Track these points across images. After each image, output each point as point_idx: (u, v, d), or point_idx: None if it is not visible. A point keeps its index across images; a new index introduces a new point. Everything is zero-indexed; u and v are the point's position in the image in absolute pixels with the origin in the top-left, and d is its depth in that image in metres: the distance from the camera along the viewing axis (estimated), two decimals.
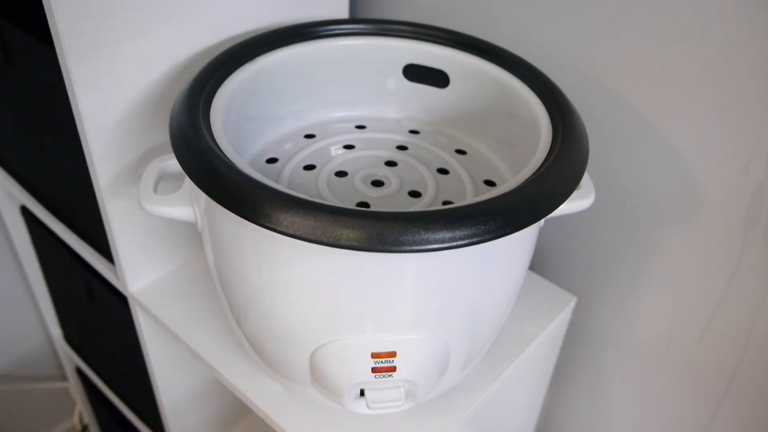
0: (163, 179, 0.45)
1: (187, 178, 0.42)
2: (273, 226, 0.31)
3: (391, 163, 0.46)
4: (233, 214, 0.32)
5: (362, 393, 0.40)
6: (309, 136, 0.49)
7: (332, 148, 0.48)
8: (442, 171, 0.46)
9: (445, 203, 0.42)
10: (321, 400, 0.43)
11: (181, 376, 0.64)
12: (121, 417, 0.84)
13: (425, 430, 0.44)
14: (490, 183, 0.45)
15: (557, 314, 0.54)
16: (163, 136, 0.50)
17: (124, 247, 0.52)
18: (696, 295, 0.54)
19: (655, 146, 0.51)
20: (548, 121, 0.41)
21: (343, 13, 0.58)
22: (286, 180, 0.44)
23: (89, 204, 0.51)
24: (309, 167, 0.45)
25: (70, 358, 0.92)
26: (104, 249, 0.57)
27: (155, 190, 0.42)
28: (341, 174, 0.44)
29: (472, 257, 0.35)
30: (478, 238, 0.31)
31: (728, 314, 0.52)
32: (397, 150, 0.48)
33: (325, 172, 0.44)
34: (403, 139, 0.50)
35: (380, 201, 0.42)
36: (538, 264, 0.64)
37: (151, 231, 0.53)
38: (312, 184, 0.43)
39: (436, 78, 0.50)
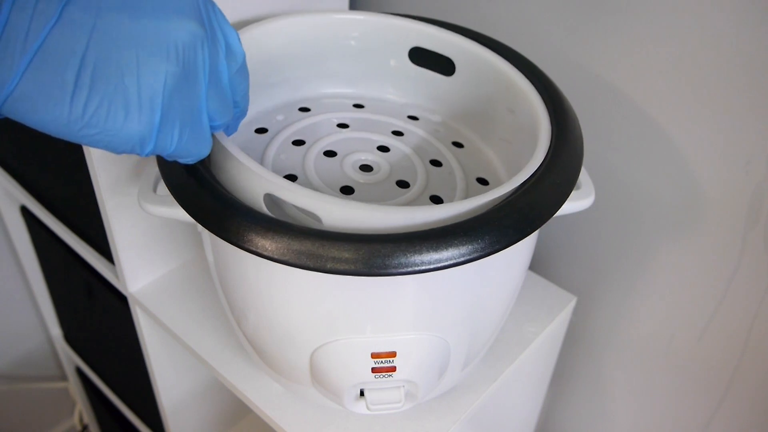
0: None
1: None
2: (259, 252, 0.31)
3: (383, 148, 0.45)
4: None
5: (362, 393, 0.40)
6: (304, 110, 0.48)
7: (325, 125, 0.46)
8: (435, 162, 0.44)
9: (432, 198, 0.41)
10: (321, 400, 0.43)
11: (181, 376, 0.64)
12: (121, 417, 0.84)
13: (425, 430, 0.44)
14: (482, 181, 0.44)
15: (557, 314, 0.54)
16: None
17: (124, 247, 0.52)
18: (696, 295, 0.54)
19: (656, 146, 0.51)
20: (548, 125, 0.40)
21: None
22: (272, 154, 0.42)
23: (89, 204, 0.51)
24: (298, 142, 0.44)
25: (70, 358, 0.92)
26: (104, 249, 0.57)
27: (155, 190, 0.42)
28: (330, 154, 0.43)
29: (469, 265, 0.35)
30: (466, 258, 0.31)
31: (728, 314, 0.52)
32: (392, 135, 0.46)
33: (314, 150, 0.43)
34: (401, 124, 0.48)
35: (366, 187, 0.41)
36: (538, 264, 0.64)
37: (151, 231, 0.53)
38: (298, 161, 0.42)
39: (443, 65, 0.49)
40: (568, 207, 0.39)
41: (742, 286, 0.50)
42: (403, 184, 0.42)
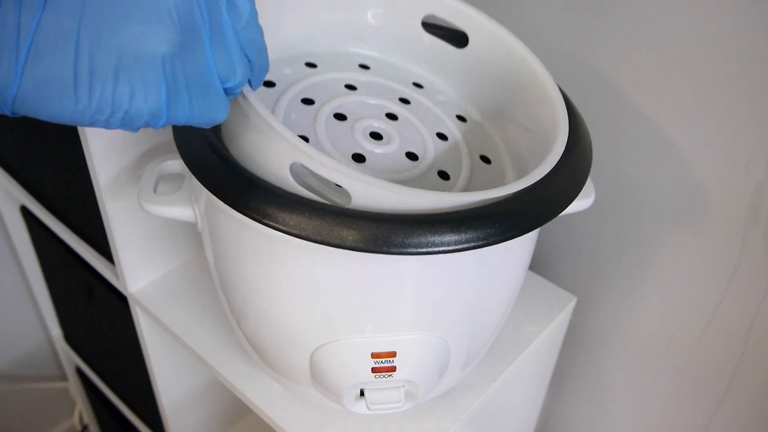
0: (163, 179, 0.45)
1: (187, 179, 0.42)
2: (280, 227, 0.31)
3: (391, 116, 0.44)
4: (233, 215, 0.32)
5: (362, 393, 0.40)
6: (310, 65, 0.46)
7: (333, 84, 0.45)
8: (441, 136, 0.44)
9: (440, 173, 0.41)
10: (321, 400, 0.43)
11: (181, 376, 0.64)
12: (121, 417, 0.84)
13: (425, 430, 0.44)
14: (485, 159, 0.44)
15: (557, 314, 0.54)
16: (163, 136, 0.50)
17: (124, 247, 0.52)
18: (696, 295, 0.54)
19: (655, 146, 0.51)
20: (567, 120, 0.39)
21: None
22: (282, 110, 0.41)
23: (89, 204, 0.51)
24: (307, 101, 0.43)
25: (70, 358, 0.92)
26: (104, 249, 0.57)
27: (155, 190, 0.42)
28: (340, 117, 0.42)
29: (472, 258, 0.35)
30: (484, 242, 0.31)
31: (728, 314, 0.52)
32: (400, 102, 0.45)
33: (324, 111, 0.42)
34: (407, 91, 0.47)
35: (377, 157, 0.40)
36: (538, 264, 0.64)
37: (151, 231, 0.53)
38: (310, 122, 0.41)
39: (455, 37, 0.48)
40: (569, 207, 0.39)
41: (742, 286, 0.50)
42: (412, 156, 0.41)
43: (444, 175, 0.41)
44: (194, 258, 0.59)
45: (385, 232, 0.30)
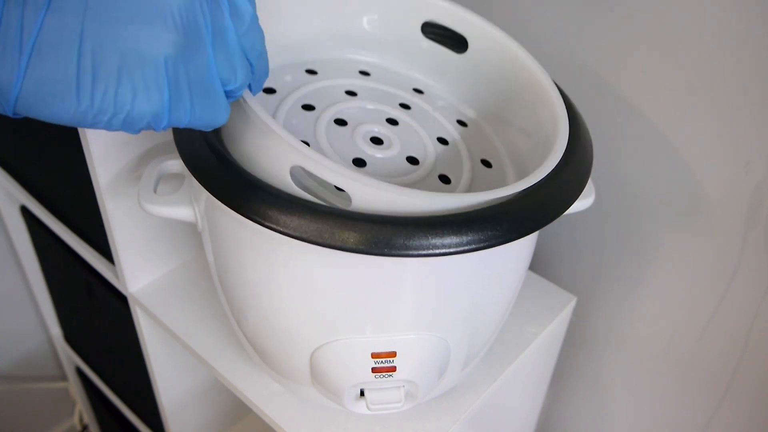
0: (163, 179, 0.45)
1: (188, 179, 0.42)
2: (281, 229, 0.31)
3: (392, 121, 0.44)
4: (233, 215, 0.32)
5: (362, 393, 0.40)
6: (310, 72, 0.46)
7: (333, 91, 0.45)
8: (442, 140, 0.44)
9: (440, 177, 0.41)
10: (321, 400, 0.43)
11: (181, 376, 0.64)
12: (121, 417, 0.84)
13: (425, 430, 0.44)
14: (486, 163, 0.44)
15: (557, 314, 0.54)
16: (163, 136, 0.50)
17: (124, 247, 0.52)
18: (696, 294, 0.54)
19: (655, 146, 0.51)
20: (567, 123, 0.39)
21: None
22: (283, 116, 0.41)
23: (89, 204, 0.51)
24: (308, 107, 0.42)
25: (70, 358, 0.92)
26: (104, 249, 0.57)
27: (155, 190, 0.42)
28: (341, 122, 0.42)
29: (473, 259, 0.35)
30: (485, 244, 0.31)
31: (728, 314, 0.52)
32: (400, 108, 0.45)
33: (325, 117, 0.42)
34: (407, 96, 0.47)
35: (377, 162, 0.40)
36: (538, 264, 0.64)
37: (151, 231, 0.53)
38: (310, 128, 0.41)
39: (455, 42, 0.47)
40: (570, 207, 0.39)
41: (742, 286, 0.50)
42: (412, 161, 0.41)
43: (445, 179, 0.41)
44: (194, 258, 0.59)
45: (387, 234, 0.30)
